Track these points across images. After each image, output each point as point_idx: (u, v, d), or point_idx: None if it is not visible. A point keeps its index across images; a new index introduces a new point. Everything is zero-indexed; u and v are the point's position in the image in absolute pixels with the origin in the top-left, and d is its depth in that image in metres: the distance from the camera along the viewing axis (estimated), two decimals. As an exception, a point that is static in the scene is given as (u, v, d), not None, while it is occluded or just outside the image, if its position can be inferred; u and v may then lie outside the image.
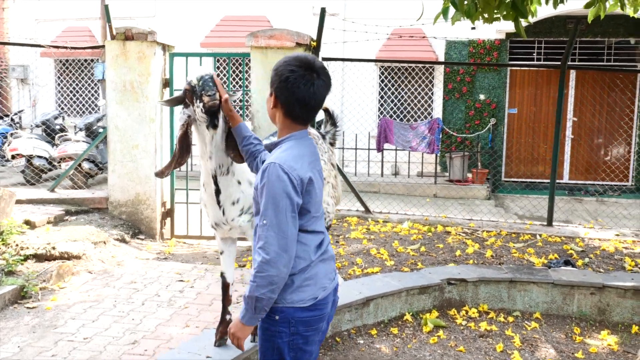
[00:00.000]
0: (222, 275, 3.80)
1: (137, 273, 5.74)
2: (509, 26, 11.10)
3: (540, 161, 12.35)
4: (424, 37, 12.04)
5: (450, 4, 5.41)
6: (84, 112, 14.30)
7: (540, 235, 6.49)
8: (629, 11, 6.48)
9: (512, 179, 12.55)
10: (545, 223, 7.18)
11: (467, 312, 4.64)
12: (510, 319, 4.57)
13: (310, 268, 2.34)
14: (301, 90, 2.32)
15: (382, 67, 12.84)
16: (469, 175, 11.84)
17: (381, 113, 12.91)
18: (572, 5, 6.35)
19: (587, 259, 5.57)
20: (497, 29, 11.74)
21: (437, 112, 12.67)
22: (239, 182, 3.49)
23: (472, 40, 12.08)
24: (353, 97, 12.14)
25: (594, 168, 12.31)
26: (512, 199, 11.40)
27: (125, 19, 12.40)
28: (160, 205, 7.24)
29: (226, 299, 3.86)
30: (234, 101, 3.51)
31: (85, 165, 9.91)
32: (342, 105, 12.42)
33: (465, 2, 5.29)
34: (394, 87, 12.89)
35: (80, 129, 10.69)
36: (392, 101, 12.89)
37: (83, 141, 10.28)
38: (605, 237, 6.58)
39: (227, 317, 3.84)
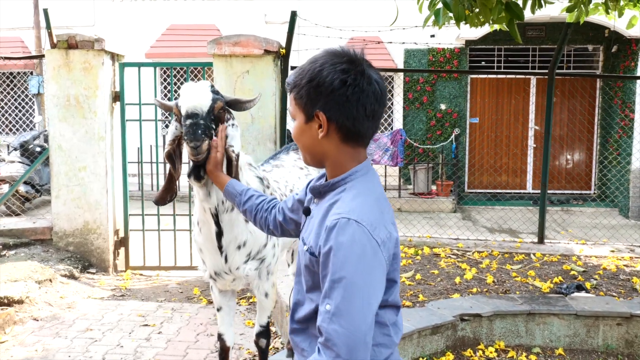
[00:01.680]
0: (219, 337, 3.07)
1: (93, 317, 4.94)
2: (469, 34, 10.80)
3: (503, 171, 12.08)
4: (379, 43, 11.60)
5: (442, 6, 4.91)
6: (17, 129, 13.17)
7: (534, 255, 6.05)
8: (611, 15, 6.17)
9: (476, 190, 12.23)
10: (536, 240, 6.76)
11: (483, 351, 4.10)
12: (533, 357, 4.05)
13: (392, 356, 1.68)
14: (367, 95, 1.64)
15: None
16: (434, 187, 11.44)
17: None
18: (545, 11, 5.97)
19: (593, 281, 5.14)
20: (456, 37, 11.41)
21: (398, 122, 12.23)
22: (246, 221, 2.78)
23: (432, 48, 11.72)
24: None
25: (557, 177, 12.13)
26: (478, 210, 11.05)
27: (61, 28, 11.43)
28: (113, 234, 6.44)
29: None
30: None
31: (22, 189, 8.95)
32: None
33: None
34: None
35: (15, 148, 9.70)
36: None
37: (18, 161, 9.32)
38: (601, 253, 6.20)
39: None
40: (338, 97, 1.63)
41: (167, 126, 12.42)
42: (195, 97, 2.41)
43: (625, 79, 10.96)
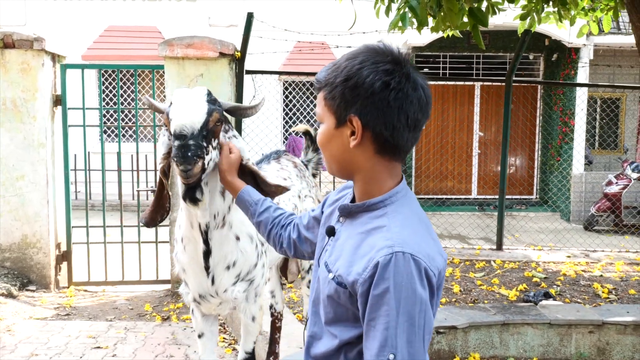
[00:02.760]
0: None
1: (37, 341, 4.53)
2: (417, 40, 10.82)
3: (449, 177, 12.15)
4: (326, 49, 11.47)
5: (409, 12, 4.80)
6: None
7: (494, 262, 6.03)
8: (562, 24, 6.24)
9: (422, 196, 12.25)
10: (493, 247, 6.75)
11: (460, 365, 3.99)
12: (509, 369, 3.98)
13: None
14: (411, 102, 1.41)
15: (286, 81, 12.12)
16: (381, 194, 11.37)
17: (286, 130, 12.17)
18: (490, 20, 5.98)
19: (556, 287, 5.15)
20: (403, 42, 11.40)
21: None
22: (238, 238, 2.51)
23: (378, 54, 11.67)
24: (264, 114, 11.29)
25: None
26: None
27: (-11, 27, 10.77)
28: (55, 248, 5.99)
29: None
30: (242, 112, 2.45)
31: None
32: (245, 121, 11.52)
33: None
34: (299, 103, 12.20)
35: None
36: (298, 117, 12.19)
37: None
38: (558, 259, 6.25)
39: None
40: (378, 102, 1.39)
41: (109, 132, 11.88)
42: (186, 112, 2.09)
43: (567, 87, 11.22)
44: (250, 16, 5.87)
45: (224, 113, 2.27)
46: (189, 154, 2.02)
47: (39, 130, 5.84)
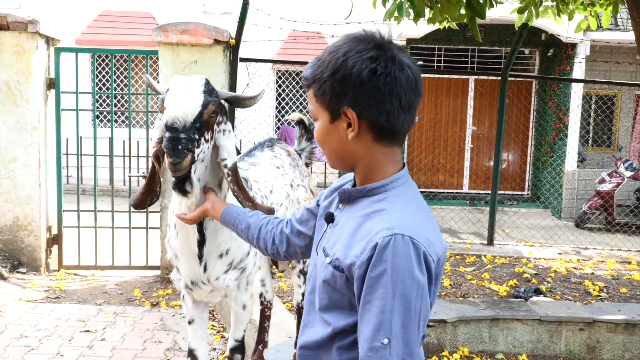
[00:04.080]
0: (190, 353, 2.75)
1: (27, 322, 4.54)
2: (412, 32, 10.80)
3: (440, 170, 12.17)
4: (320, 38, 11.44)
5: (406, 1, 4.79)
6: None
7: (485, 256, 6.05)
8: (560, 19, 6.23)
9: (414, 189, 12.26)
10: (484, 242, 6.78)
11: (448, 358, 4.00)
12: (496, 363, 4.00)
13: None
14: (401, 83, 1.40)
15: (279, 70, 12.10)
16: (373, 185, 11.37)
17: (279, 120, 12.15)
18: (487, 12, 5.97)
19: (547, 284, 5.17)
20: (399, 35, 11.38)
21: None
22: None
23: (374, 45, 11.63)
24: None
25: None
26: (417, 209, 11.05)
27: (-17, 9, 10.67)
28: (46, 231, 5.98)
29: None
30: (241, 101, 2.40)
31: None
32: (237, 110, 11.49)
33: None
34: (292, 93, 12.18)
35: None
36: (291, 107, 12.17)
37: None
38: (549, 255, 6.28)
39: None
40: (369, 90, 1.39)
41: (100, 116, 11.83)
42: (180, 103, 2.05)
43: (562, 82, 11.23)
44: (245, 3, 5.85)
45: (223, 102, 2.26)
46: (180, 147, 2.00)
47: (32, 114, 5.81)
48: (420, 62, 12.16)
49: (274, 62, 8.14)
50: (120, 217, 6.24)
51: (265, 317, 3.71)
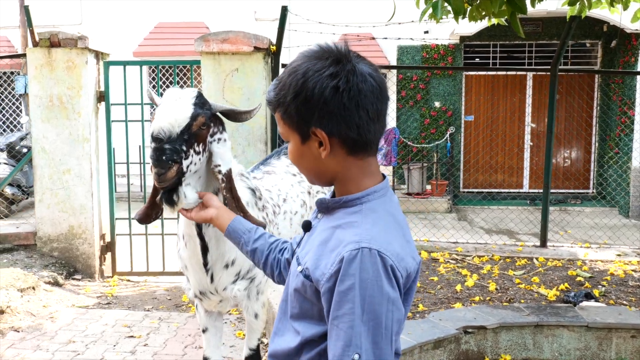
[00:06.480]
0: None
1: (76, 328, 4.71)
2: (464, 29, 10.60)
3: (499, 170, 11.87)
4: (373, 38, 11.38)
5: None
6: (4, 130, 12.89)
7: (537, 259, 5.84)
8: (615, 9, 5.96)
9: (471, 190, 12.03)
10: (537, 244, 6.55)
11: (488, 365, 3.89)
12: (539, 370, 3.86)
13: None
14: (365, 95, 1.39)
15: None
16: (428, 187, 11.23)
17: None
18: (542, 6, 5.76)
19: (601, 288, 4.93)
20: (451, 32, 11.19)
21: (391, 121, 12.01)
22: None
23: (425, 44, 11.50)
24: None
25: (554, 176, 11.91)
26: (473, 210, 10.84)
27: (47, 27, 11.18)
28: (99, 239, 6.20)
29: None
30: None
31: (8, 190, 8.72)
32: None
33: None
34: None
35: (1, 150, 9.45)
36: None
37: (5, 163, 9.09)
38: (606, 257, 5.99)
39: None
40: (334, 108, 1.38)
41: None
42: (167, 115, 2.06)
43: (625, 75, 10.77)
44: (284, 9, 5.89)
45: (219, 115, 2.27)
46: (164, 157, 2.00)
47: (84, 126, 6.04)
48: (476, 60, 11.93)
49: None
50: (170, 224, 6.38)
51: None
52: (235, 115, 2.33)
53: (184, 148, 2.07)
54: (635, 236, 7.65)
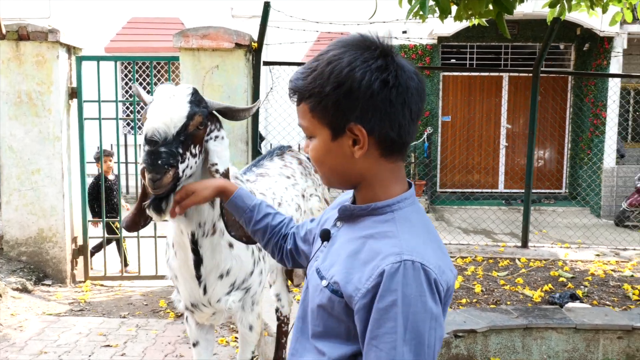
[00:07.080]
0: None
1: (47, 338, 4.47)
2: (443, 30, 10.57)
3: (475, 170, 11.86)
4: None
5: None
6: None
7: (519, 260, 5.80)
8: (594, 12, 5.95)
9: (448, 190, 12.00)
10: (518, 244, 6.51)
11: (480, 371, 3.81)
12: (531, 376, 3.79)
13: None
14: (411, 94, 1.27)
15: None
16: (405, 187, 11.14)
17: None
18: (519, 8, 5.71)
19: (584, 288, 4.90)
20: (429, 33, 11.13)
21: (367, 121, 11.90)
22: (231, 245, 2.33)
23: (404, 44, 11.41)
24: (281, 107, 11.16)
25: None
26: (450, 211, 10.83)
27: (14, 20, 10.78)
28: (71, 242, 5.94)
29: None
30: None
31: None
32: (268, 115, 11.39)
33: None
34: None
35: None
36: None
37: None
38: (586, 257, 5.99)
39: None
40: (380, 103, 1.25)
41: (128, 125, 11.85)
42: (162, 114, 1.87)
43: (598, 77, 10.84)
44: (266, 6, 5.73)
45: (215, 113, 2.10)
46: (159, 162, 1.82)
47: (54, 124, 5.77)
48: (452, 61, 11.90)
49: (297, 64, 7.98)
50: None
51: (282, 333, 3.55)
52: (233, 113, 2.16)
53: (181, 151, 1.89)
54: (606, 235, 7.67)
